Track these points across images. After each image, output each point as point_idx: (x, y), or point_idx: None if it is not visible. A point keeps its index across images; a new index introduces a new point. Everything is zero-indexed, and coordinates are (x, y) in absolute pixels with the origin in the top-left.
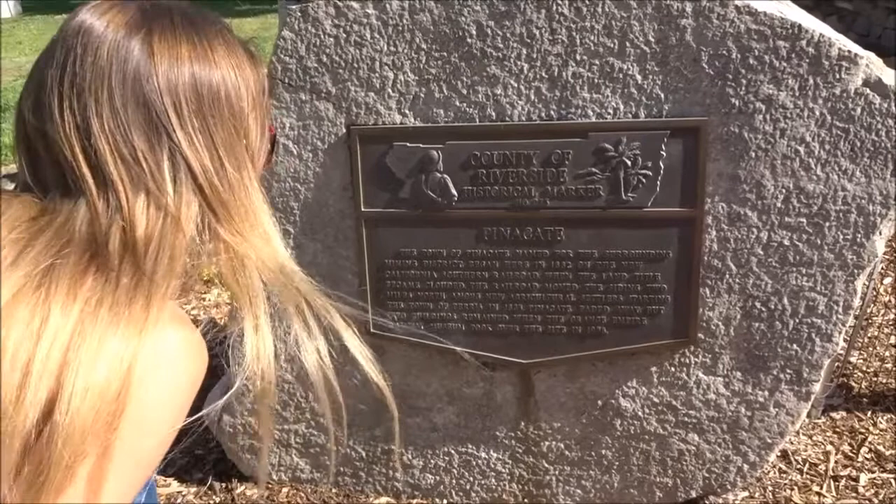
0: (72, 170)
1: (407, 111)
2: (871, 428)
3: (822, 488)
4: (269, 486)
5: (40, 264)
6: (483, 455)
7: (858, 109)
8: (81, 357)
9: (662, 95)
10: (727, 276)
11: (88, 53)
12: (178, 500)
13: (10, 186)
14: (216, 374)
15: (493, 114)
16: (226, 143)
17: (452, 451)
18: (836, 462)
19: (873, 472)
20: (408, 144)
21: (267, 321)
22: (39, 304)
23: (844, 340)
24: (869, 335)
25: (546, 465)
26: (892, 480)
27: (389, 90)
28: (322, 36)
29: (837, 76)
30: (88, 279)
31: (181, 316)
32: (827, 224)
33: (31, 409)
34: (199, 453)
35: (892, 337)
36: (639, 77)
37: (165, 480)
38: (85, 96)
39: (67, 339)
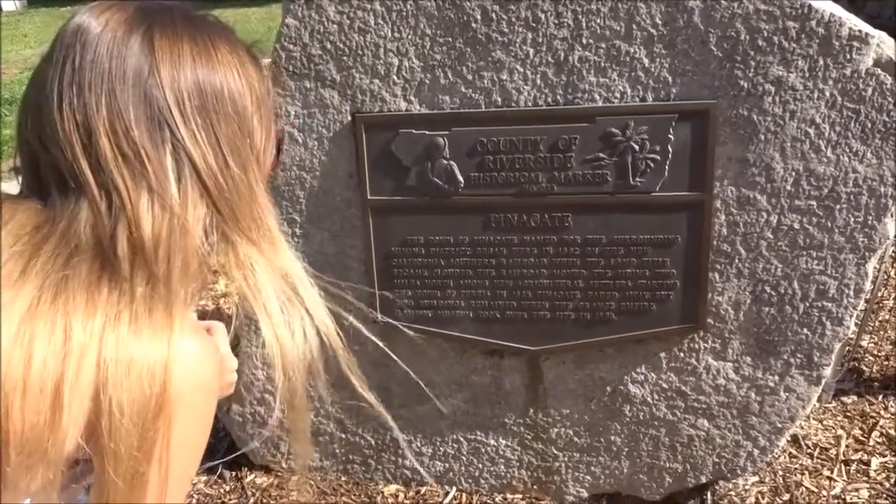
0: (72, 170)
1: (412, 98)
2: (882, 412)
3: (832, 473)
4: (279, 474)
5: (50, 275)
6: (492, 442)
7: (869, 90)
8: (113, 377)
9: (670, 79)
10: (736, 260)
11: (88, 52)
12: (189, 489)
13: (16, 181)
14: None
15: (499, 99)
16: (230, 141)
17: (461, 439)
18: (847, 446)
19: (885, 457)
20: (413, 131)
21: (282, 320)
22: (58, 319)
23: (855, 324)
24: (880, 319)
25: (555, 452)
26: None
27: (394, 77)
28: (326, 23)
29: (848, 56)
30: (104, 290)
31: (195, 322)
32: (837, 207)
33: (69, 429)
34: (209, 442)
35: None
36: (646, 60)
37: None
38: (85, 95)
39: (95, 357)
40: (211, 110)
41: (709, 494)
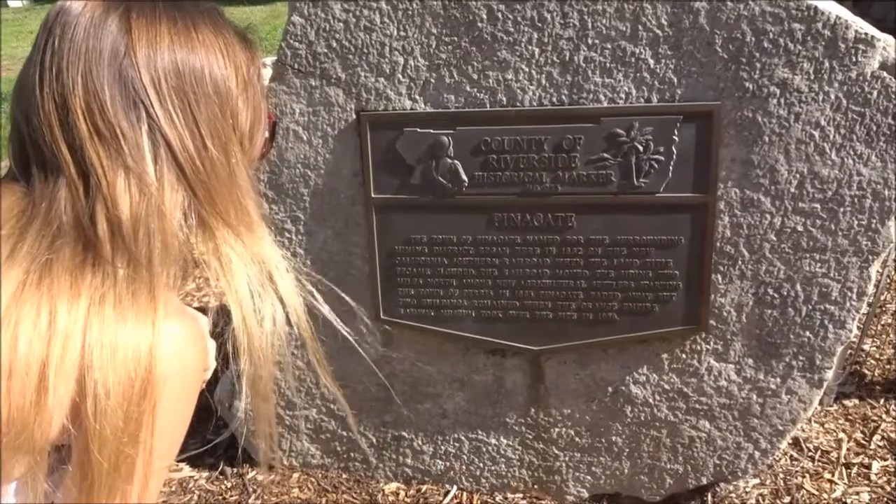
0: (51, 150)
1: (417, 97)
2: (883, 415)
3: (833, 476)
4: (280, 471)
5: (36, 259)
6: (493, 441)
7: (875, 93)
8: (98, 359)
9: (675, 80)
10: (740, 262)
11: (66, 32)
12: (190, 485)
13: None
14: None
15: (504, 99)
16: (209, 122)
17: (462, 438)
18: (848, 450)
19: (886, 460)
20: (418, 130)
21: (251, 306)
22: (43, 303)
23: (858, 327)
24: (882, 322)
25: (556, 452)
26: None
27: (399, 75)
28: (332, 21)
29: (854, 59)
30: (87, 273)
31: (180, 306)
32: (841, 209)
33: (55, 411)
34: (209, 438)
35: None
36: (651, 61)
37: (177, 465)
38: (63, 75)
39: (80, 340)
40: (189, 91)
41: (709, 496)
